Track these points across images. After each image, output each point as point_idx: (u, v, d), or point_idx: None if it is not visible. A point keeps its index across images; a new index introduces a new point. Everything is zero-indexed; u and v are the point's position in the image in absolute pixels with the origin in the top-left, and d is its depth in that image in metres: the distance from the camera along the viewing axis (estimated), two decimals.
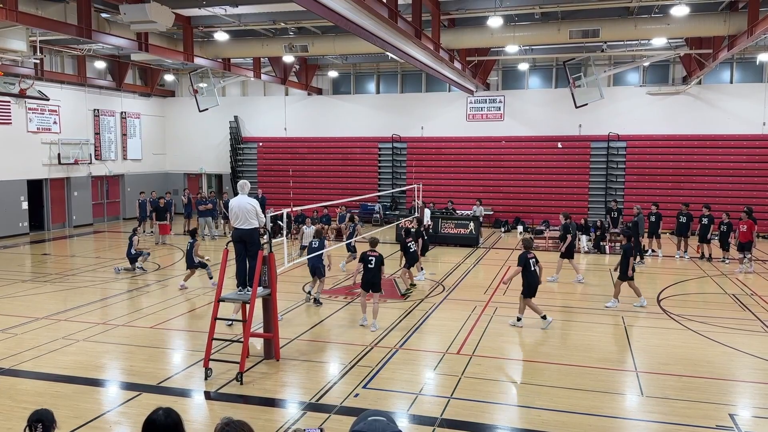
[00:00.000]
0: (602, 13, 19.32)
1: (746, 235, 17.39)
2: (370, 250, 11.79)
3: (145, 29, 17.00)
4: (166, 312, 12.94)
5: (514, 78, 28.28)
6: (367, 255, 11.68)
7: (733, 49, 18.03)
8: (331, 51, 22.64)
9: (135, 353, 10.33)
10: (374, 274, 11.62)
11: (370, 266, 11.59)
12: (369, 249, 11.83)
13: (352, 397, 8.39)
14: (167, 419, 3.44)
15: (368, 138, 29.61)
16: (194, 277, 15.31)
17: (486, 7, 18.46)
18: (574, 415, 7.86)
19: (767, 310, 13.08)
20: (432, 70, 20.12)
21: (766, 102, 24.82)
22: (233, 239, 9.89)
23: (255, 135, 31.41)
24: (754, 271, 17.26)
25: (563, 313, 12.96)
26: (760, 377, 9.29)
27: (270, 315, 9.87)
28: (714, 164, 25.29)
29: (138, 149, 30.91)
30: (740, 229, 17.54)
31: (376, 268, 11.59)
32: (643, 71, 26.54)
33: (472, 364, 9.73)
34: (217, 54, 23.01)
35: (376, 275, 11.64)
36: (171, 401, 8.17)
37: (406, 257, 15.30)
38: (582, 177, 26.85)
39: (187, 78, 27.94)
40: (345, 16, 12.49)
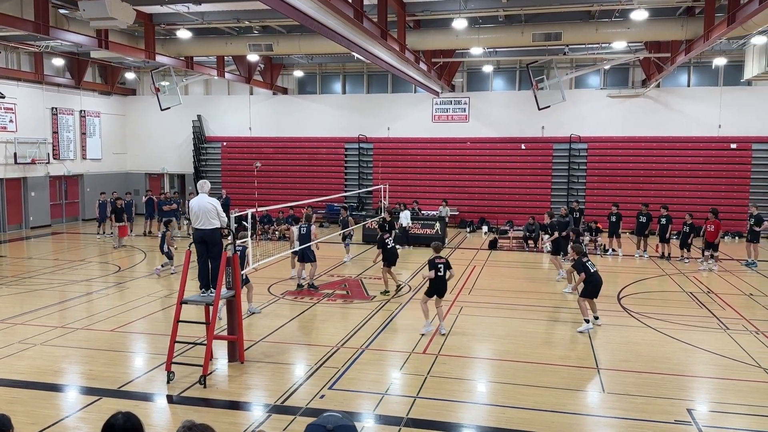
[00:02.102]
0: (564, 16, 19.66)
1: (713, 235, 17.94)
2: (437, 256, 11.36)
3: (105, 26, 16.62)
4: (126, 315, 12.67)
5: (479, 80, 28.55)
6: (435, 261, 11.21)
7: (690, 54, 18.52)
8: (297, 50, 22.52)
9: (95, 357, 10.09)
10: (444, 280, 11.24)
11: (440, 273, 11.14)
12: (435, 255, 11.39)
13: (318, 398, 8.34)
14: (126, 423, 3.35)
15: (334, 138, 29.54)
16: (162, 280, 15.05)
17: (451, 9, 18.60)
18: (538, 412, 7.96)
19: (723, 308, 13.46)
20: (398, 71, 20.17)
21: (721, 105, 25.56)
22: (194, 240, 9.73)
23: (219, 134, 31.03)
24: (717, 270, 17.77)
25: (527, 312, 13.11)
26: (717, 373, 9.55)
27: (234, 317, 9.75)
28: (672, 165, 25.95)
29: (98, 149, 30.22)
30: (708, 229, 18.07)
31: (444, 273, 11.22)
32: (604, 74, 27.09)
33: (438, 363, 9.78)
34: (179, 52, 22.67)
35: (445, 281, 11.29)
36: (132, 405, 8.01)
37: (384, 255, 14.64)
38: (545, 178, 27.26)
39: (149, 76, 27.46)
40: (310, 15, 12.44)
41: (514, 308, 13.34)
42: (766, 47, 19.62)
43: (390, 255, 14.68)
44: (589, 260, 12.12)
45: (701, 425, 7.61)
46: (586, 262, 11.98)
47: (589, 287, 11.81)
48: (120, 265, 18.23)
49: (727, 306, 13.61)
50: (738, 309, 13.32)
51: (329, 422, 3.42)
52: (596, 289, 11.91)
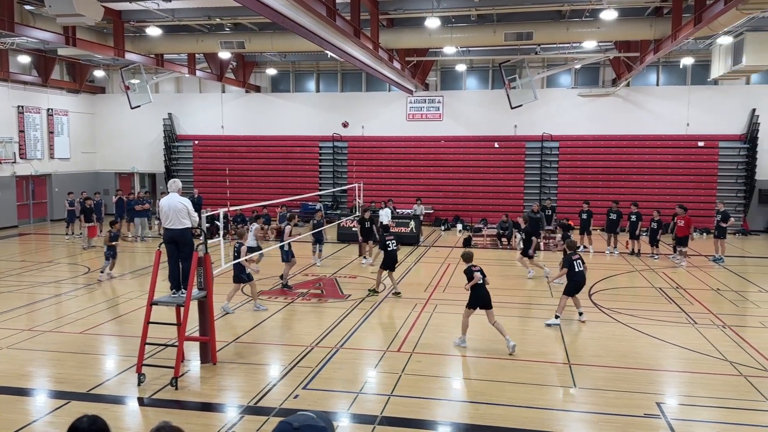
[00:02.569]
0: (536, 16, 19.84)
1: (684, 230, 18.31)
2: (471, 264, 10.52)
3: (73, 23, 16.34)
4: (96, 316, 12.46)
5: (452, 79, 28.68)
6: (472, 269, 10.37)
7: (658, 53, 18.84)
8: (269, 48, 22.36)
9: (64, 360, 9.90)
10: (485, 288, 10.38)
11: (481, 282, 10.30)
12: (470, 264, 10.55)
13: (292, 398, 8.29)
14: (91, 427, 3.28)
15: (309, 137, 29.42)
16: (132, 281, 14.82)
17: (423, 8, 18.64)
18: (511, 408, 8.03)
19: (692, 303, 13.73)
20: (372, 70, 20.17)
21: (689, 104, 26.07)
22: (164, 240, 9.60)
23: (190, 133, 30.68)
24: (686, 265, 18.13)
25: (500, 309, 13.18)
26: (685, 367, 9.74)
27: (206, 318, 9.65)
28: (641, 163, 26.38)
29: (66, 148, 29.65)
30: (678, 224, 18.41)
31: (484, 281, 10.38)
32: (575, 74, 27.42)
33: (413, 361, 9.80)
34: (149, 49, 22.35)
35: (486, 290, 10.42)
36: (102, 408, 7.89)
37: (384, 257, 14.18)
38: (518, 176, 27.51)
39: (118, 74, 27.06)
40: (282, 12, 12.36)
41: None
42: (732, 47, 20.04)
43: (390, 258, 14.15)
44: (579, 258, 12.14)
45: (670, 418, 7.74)
46: (575, 259, 12.02)
47: (571, 285, 11.92)
48: (89, 266, 17.92)
49: (695, 301, 13.88)
50: (705, 304, 13.59)
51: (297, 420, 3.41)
52: (577, 288, 12.02)
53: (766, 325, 11.98)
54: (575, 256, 12.14)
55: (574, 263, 12.00)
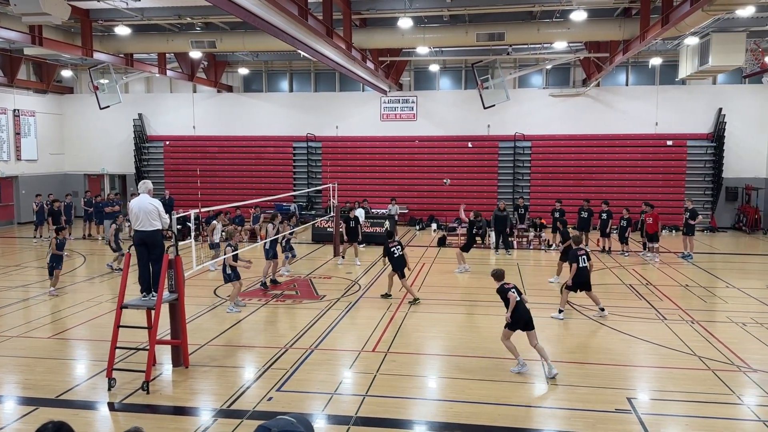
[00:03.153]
0: (507, 17, 20.00)
1: (653, 227, 18.76)
2: (504, 282, 9.65)
3: (39, 22, 16.00)
4: (65, 321, 12.23)
5: (426, 79, 28.77)
6: (506, 287, 9.48)
7: (627, 53, 19.13)
8: (241, 48, 22.17)
9: (31, 366, 9.69)
10: (525, 307, 9.41)
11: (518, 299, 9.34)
12: (503, 282, 9.68)
13: (266, 400, 8.23)
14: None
15: (282, 137, 29.26)
16: (102, 284, 14.56)
17: (396, 8, 18.66)
18: (485, 405, 8.08)
19: (661, 299, 13.97)
20: (345, 70, 20.13)
21: (658, 103, 26.53)
22: (134, 242, 9.45)
23: (161, 133, 30.29)
24: (658, 262, 18.47)
25: (474, 307, 13.29)
26: (655, 362, 9.91)
27: (177, 321, 9.53)
28: (611, 162, 26.78)
29: (33, 149, 29.04)
30: (647, 222, 18.78)
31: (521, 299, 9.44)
32: (546, 74, 27.71)
33: (387, 361, 9.80)
34: (118, 49, 22.01)
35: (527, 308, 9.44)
36: (71, 414, 7.75)
37: (392, 264, 13.74)
38: (491, 175, 27.72)
39: (87, 74, 26.55)
40: (253, 12, 12.27)
41: (462, 304, 13.50)
42: (699, 48, 20.44)
43: (397, 264, 13.67)
44: (585, 253, 12.22)
45: (640, 413, 7.87)
46: (581, 255, 12.09)
47: (575, 279, 12.03)
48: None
49: (665, 297, 14.13)
50: (675, 300, 13.84)
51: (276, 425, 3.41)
52: (581, 283, 12.12)
53: (733, 320, 12.25)
54: (581, 252, 12.25)
55: (580, 258, 12.08)
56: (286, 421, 3.35)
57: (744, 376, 9.19)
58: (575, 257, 12.13)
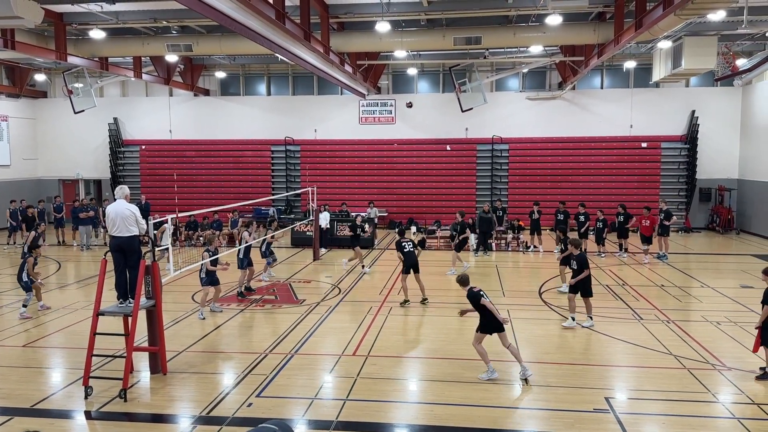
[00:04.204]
0: (484, 21, 20.16)
1: (648, 229, 19.14)
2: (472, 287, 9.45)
3: (11, 25, 15.70)
4: (40, 329, 12.02)
5: (404, 82, 28.85)
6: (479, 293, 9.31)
7: (602, 57, 19.38)
8: (218, 51, 22.02)
9: (5, 375, 9.51)
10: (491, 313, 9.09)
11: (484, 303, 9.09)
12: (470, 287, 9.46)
13: (246, 406, 8.18)
14: None
15: (260, 141, 29.11)
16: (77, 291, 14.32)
17: (373, 11, 18.70)
18: (465, 407, 8.12)
19: (637, 300, 14.16)
20: (323, 73, 20.09)
21: (632, 106, 26.90)
22: (111, 248, 9.33)
23: (137, 138, 29.95)
24: (649, 262, 18.73)
25: (454, 309, 13.31)
26: (633, 362, 10.04)
27: (155, 327, 9.42)
28: (587, 164, 27.08)
29: (6, 154, 28.53)
30: (643, 224, 19.19)
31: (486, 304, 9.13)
32: (523, 77, 27.95)
33: (368, 364, 9.80)
34: (93, 53, 21.72)
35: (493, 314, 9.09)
36: (47, 424, 7.62)
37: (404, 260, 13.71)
38: (470, 178, 27.86)
39: (61, 78, 26.14)
40: (229, 15, 12.20)
41: (442, 306, 13.53)
42: (672, 51, 20.77)
43: (408, 257, 13.66)
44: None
45: (618, 412, 7.97)
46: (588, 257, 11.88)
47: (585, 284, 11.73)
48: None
49: (641, 297, 14.33)
50: (651, 300, 14.04)
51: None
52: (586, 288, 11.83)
53: (708, 319, 12.45)
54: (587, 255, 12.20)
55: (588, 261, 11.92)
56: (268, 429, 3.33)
57: (719, 374, 9.36)
58: (586, 262, 11.76)
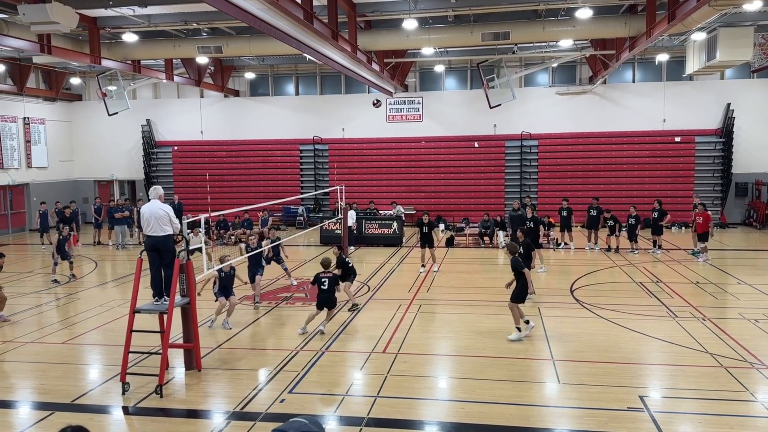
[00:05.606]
0: (512, 16, 19.99)
1: (703, 226, 18.37)
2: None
3: (47, 30, 16.14)
4: (78, 326, 12.33)
5: (431, 79, 28.79)
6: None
7: (633, 50, 19.07)
8: (247, 52, 22.26)
9: (46, 371, 9.79)
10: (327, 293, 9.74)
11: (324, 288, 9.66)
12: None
13: (278, 402, 8.28)
14: None
15: (289, 140, 29.35)
16: (114, 289, 14.65)
17: (401, 9, 18.70)
18: (496, 405, 8.09)
19: (672, 297, 13.92)
20: (350, 72, 20.17)
21: (665, 100, 26.42)
22: (146, 248, 9.54)
23: (169, 139, 30.46)
24: (710, 261, 17.97)
25: (484, 307, 13.28)
26: (667, 360, 9.88)
27: (189, 325, 9.59)
28: (620, 159, 26.68)
29: (43, 156, 29.28)
30: (697, 221, 18.55)
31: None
32: (552, 72, 27.65)
33: (398, 361, 9.83)
34: (126, 56, 22.15)
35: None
36: (87, 419, 7.83)
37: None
38: (498, 175, 27.69)
39: (95, 81, 26.74)
40: (258, 16, 12.33)
41: (471, 304, 13.49)
42: (706, 43, 20.36)
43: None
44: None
45: (653, 411, 7.85)
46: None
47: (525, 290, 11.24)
48: (69, 275, 17.69)
49: (675, 294, 14.08)
50: (685, 297, 13.79)
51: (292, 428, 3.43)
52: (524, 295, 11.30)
53: (745, 316, 12.19)
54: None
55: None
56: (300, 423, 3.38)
57: (757, 372, 9.16)
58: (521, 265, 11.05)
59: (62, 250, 16.75)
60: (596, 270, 17.29)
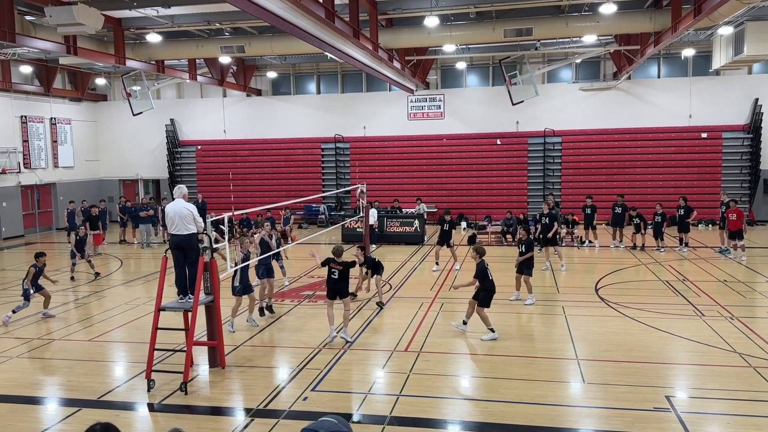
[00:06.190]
0: (535, 11, 19.81)
1: (736, 224, 17.88)
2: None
3: (73, 32, 16.38)
4: (104, 324, 12.51)
5: (453, 77, 28.66)
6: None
7: (659, 45, 18.79)
8: (269, 51, 22.38)
9: (73, 368, 9.95)
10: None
11: None
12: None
13: (301, 400, 8.31)
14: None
15: (310, 139, 29.45)
16: (139, 288, 14.84)
17: (422, 6, 18.63)
18: (520, 404, 8.02)
19: (699, 295, 13.69)
20: (372, 70, 20.17)
21: (691, 95, 25.98)
22: (171, 246, 9.63)
23: (193, 138, 30.76)
24: (746, 260, 17.46)
25: (506, 306, 13.19)
26: (694, 359, 9.71)
27: (213, 322, 9.67)
28: (644, 156, 26.31)
29: (70, 156, 29.76)
30: (730, 218, 18.08)
31: None
32: (576, 68, 27.36)
33: (420, 360, 9.81)
34: (150, 56, 22.40)
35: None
36: (113, 415, 7.92)
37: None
38: (521, 172, 27.48)
39: (120, 81, 27.08)
40: (280, 16, 12.37)
41: (493, 302, 13.37)
42: (733, 37, 19.98)
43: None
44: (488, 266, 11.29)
45: (680, 411, 7.73)
46: (486, 267, 11.17)
47: (484, 294, 11.05)
48: (95, 273, 17.95)
49: (702, 293, 13.85)
50: (713, 296, 13.56)
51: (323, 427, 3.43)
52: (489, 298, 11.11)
53: None
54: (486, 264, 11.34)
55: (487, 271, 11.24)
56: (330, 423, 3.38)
57: None
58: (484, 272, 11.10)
59: (81, 250, 17.15)
60: (621, 268, 17.08)
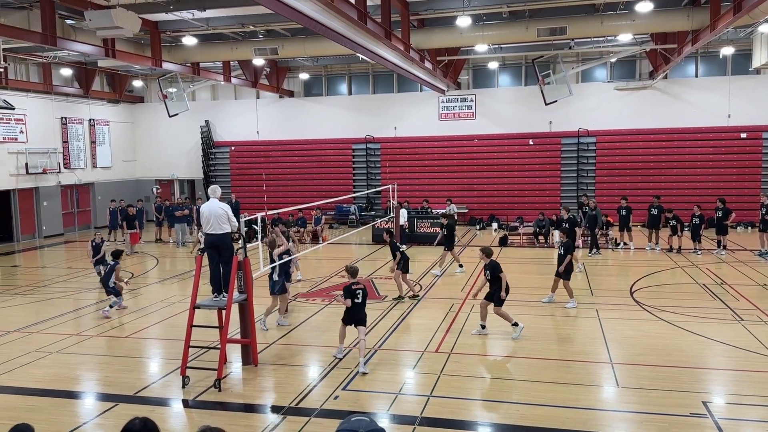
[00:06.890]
0: (569, 10, 19.59)
1: None
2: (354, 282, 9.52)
3: (112, 35, 16.75)
4: (140, 321, 12.77)
5: (485, 77, 28.49)
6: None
7: (696, 44, 18.39)
8: (302, 53, 22.57)
9: (110, 364, 10.19)
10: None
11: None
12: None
13: (332, 399, 8.37)
14: (143, 428, 3.41)
15: (341, 139, 29.60)
16: (174, 285, 15.12)
17: (454, 7, 18.58)
18: (553, 408, 7.95)
19: (737, 299, 13.37)
20: (403, 71, 20.19)
21: (730, 95, 25.37)
22: (206, 245, 9.80)
23: (227, 139, 31.18)
24: None
25: (539, 308, 13.08)
26: (732, 365, 9.49)
27: (247, 320, 9.81)
28: (681, 157, 25.78)
29: (108, 157, 30.46)
30: (766, 218, 17.71)
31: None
32: (611, 67, 26.95)
33: (451, 361, 9.78)
34: (185, 58, 22.80)
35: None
36: (148, 411, 8.08)
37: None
38: (554, 173, 27.18)
39: (156, 83, 27.64)
40: (313, 18, 12.47)
41: (526, 305, 13.30)
42: None
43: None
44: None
45: (717, 417, 7.56)
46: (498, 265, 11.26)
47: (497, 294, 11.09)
48: (133, 271, 18.34)
49: (741, 297, 13.52)
50: (752, 299, 13.22)
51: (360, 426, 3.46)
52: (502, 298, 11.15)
53: None
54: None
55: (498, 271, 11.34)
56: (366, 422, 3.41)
57: None
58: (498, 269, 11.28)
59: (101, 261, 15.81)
60: (657, 271, 16.76)
